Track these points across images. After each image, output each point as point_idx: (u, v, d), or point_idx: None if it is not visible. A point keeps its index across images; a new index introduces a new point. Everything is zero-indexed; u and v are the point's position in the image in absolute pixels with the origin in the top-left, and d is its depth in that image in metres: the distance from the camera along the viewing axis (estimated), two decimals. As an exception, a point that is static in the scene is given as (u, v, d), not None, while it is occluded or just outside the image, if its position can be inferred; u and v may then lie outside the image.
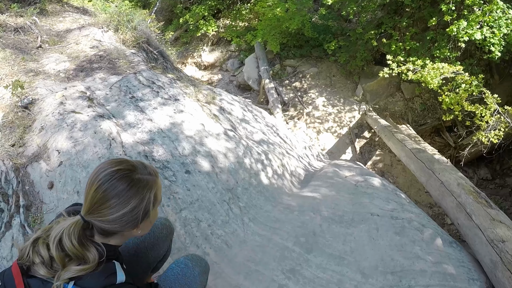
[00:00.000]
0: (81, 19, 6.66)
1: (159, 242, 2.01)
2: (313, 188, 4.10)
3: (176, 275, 1.81)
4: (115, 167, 1.39)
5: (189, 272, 1.82)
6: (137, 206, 1.38)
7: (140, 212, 1.39)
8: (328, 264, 2.78)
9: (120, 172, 1.38)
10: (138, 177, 1.41)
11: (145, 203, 1.40)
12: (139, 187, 1.39)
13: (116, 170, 1.38)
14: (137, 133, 3.54)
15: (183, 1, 15.57)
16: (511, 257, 2.65)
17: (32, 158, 3.14)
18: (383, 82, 10.39)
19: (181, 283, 1.79)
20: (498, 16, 6.62)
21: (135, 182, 1.39)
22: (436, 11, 8.08)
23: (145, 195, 1.40)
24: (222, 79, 13.25)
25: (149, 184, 1.43)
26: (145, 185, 1.41)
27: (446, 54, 7.72)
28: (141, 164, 1.48)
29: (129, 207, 1.36)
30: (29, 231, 2.62)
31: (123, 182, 1.36)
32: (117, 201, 1.35)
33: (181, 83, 4.91)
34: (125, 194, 1.36)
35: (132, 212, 1.38)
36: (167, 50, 7.97)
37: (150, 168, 1.49)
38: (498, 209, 3.53)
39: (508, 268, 2.59)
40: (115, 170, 1.38)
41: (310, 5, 11.21)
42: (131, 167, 1.42)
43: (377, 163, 9.51)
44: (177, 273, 1.81)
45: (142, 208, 1.40)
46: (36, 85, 4.11)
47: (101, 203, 1.35)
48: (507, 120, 6.15)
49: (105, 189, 1.34)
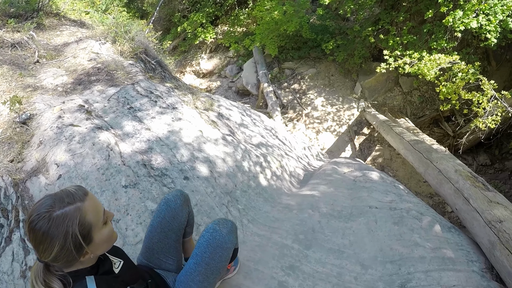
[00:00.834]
0: (78, 32, 6.74)
1: (177, 212, 2.16)
2: (311, 186, 4.14)
3: (207, 241, 1.99)
4: (34, 212, 1.37)
5: (218, 235, 1.99)
6: (65, 244, 1.37)
7: (72, 246, 1.38)
8: (328, 259, 2.82)
9: (37, 217, 1.36)
10: (56, 214, 1.36)
11: (70, 237, 1.37)
12: (57, 225, 1.35)
13: (35, 216, 1.36)
14: (135, 143, 3.59)
15: (181, 10, 15.67)
16: (509, 236, 2.68)
17: (31, 172, 3.19)
18: (381, 78, 10.44)
19: (213, 246, 1.98)
20: (494, 3, 6.65)
21: (51, 222, 1.35)
22: (433, 3, 8.17)
23: (67, 230, 1.37)
24: (221, 85, 13.32)
25: (69, 216, 1.38)
26: (64, 219, 1.37)
27: (443, 45, 7.82)
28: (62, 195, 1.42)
29: (57, 248, 1.36)
30: (29, 245, 2.66)
31: (41, 227, 1.34)
32: (44, 246, 1.36)
33: (179, 92, 4.96)
34: (46, 239, 1.35)
35: (63, 250, 1.38)
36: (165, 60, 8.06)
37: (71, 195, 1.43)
38: (495, 191, 3.57)
39: (506, 246, 2.62)
40: (34, 215, 1.36)
41: (308, 6, 11.28)
42: (48, 207, 1.37)
43: (376, 158, 9.56)
44: (208, 239, 1.99)
45: (71, 242, 1.38)
46: (34, 100, 4.18)
47: (36, 247, 1.38)
48: (504, 104, 6.22)
49: (32, 236, 1.37)
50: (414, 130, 8.52)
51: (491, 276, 2.70)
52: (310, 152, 6.54)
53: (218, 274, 2.05)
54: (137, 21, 8.06)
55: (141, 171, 3.22)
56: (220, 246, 1.99)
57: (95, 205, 1.48)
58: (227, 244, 2.01)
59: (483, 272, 2.72)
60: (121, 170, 3.16)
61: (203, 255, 1.97)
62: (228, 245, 2.02)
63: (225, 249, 2.01)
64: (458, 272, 2.64)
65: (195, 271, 1.98)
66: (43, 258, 1.39)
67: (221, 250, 1.99)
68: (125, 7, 14.54)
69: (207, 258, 1.97)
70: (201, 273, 1.98)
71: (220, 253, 1.99)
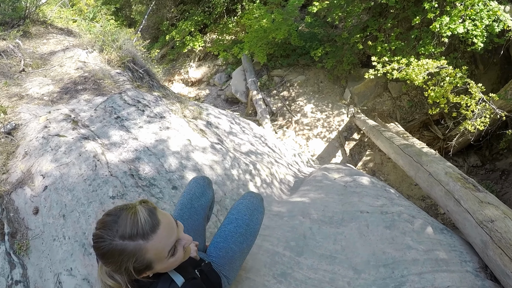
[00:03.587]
0: (65, 41, 6.69)
1: (205, 189, 2.37)
2: (302, 193, 4.12)
3: (246, 205, 2.25)
4: (100, 228, 1.35)
5: (254, 201, 2.30)
6: (119, 269, 1.37)
7: (126, 273, 1.38)
8: (320, 265, 2.79)
9: (101, 238, 1.34)
10: (115, 244, 1.32)
11: (124, 269, 1.36)
12: (113, 255, 1.34)
13: (99, 235, 1.34)
14: (122, 153, 3.54)
15: (170, 18, 15.66)
16: (501, 235, 2.70)
17: (16, 184, 3.13)
18: (370, 83, 10.49)
19: (251, 209, 2.24)
20: (480, 8, 6.76)
21: (110, 248, 1.33)
22: (420, 10, 8.29)
23: (121, 264, 1.35)
24: (210, 94, 13.30)
25: (126, 253, 1.34)
26: (121, 254, 1.34)
27: (430, 50, 7.92)
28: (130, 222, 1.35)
29: (113, 268, 1.38)
30: (15, 258, 2.60)
31: (101, 247, 1.34)
32: (104, 260, 1.37)
33: (167, 100, 4.93)
34: (104, 256, 1.35)
35: (118, 271, 1.39)
36: (153, 68, 8.01)
37: (137, 228, 1.34)
38: (486, 191, 3.60)
39: (499, 245, 2.65)
40: (99, 232, 1.34)
41: (296, 14, 11.32)
42: (113, 231, 1.33)
43: (367, 163, 9.58)
44: (246, 204, 2.26)
45: (124, 271, 1.37)
46: (20, 110, 4.12)
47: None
48: (492, 106, 6.34)
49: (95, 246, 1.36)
50: (404, 134, 8.57)
51: (485, 275, 2.71)
52: (300, 158, 6.53)
53: (254, 237, 2.26)
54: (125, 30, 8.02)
55: (128, 181, 3.16)
56: (257, 210, 2.27)
57: (161, 243, 1.40)
58: (262, 209, 2.31)
59: (477, 272, 2.72)
60: (108, 181, 3.10)
61: (243, 217, 2.19)
62: (262, 210, 2.32)
63: (260, 213, 2.29)
64: (452, 273, 2.64)
65: (236, 233, 2.16)
66: None
67: (257, 213, 2.26)
68: (113, 15, 14.50)
69: (247, 220, 2.19)
70: (242, 234, 2.17)
71: (257, 216, 2.26)
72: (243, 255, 2.24)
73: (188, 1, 15.36)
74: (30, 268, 2.59)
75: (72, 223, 2.78)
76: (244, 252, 2.23)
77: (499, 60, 9.56)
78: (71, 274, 2.48)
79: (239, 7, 14.91)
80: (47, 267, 2.58)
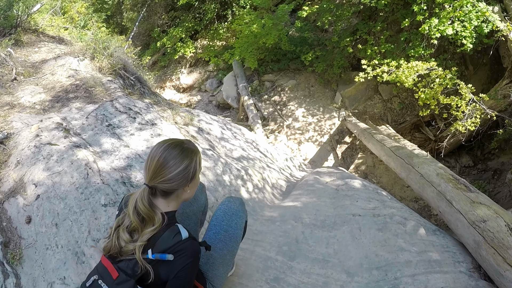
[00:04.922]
0: (57, 49, 6.68)
1: (197, 194, 2.43)
2: (294, 197, 4.13)
3: (224, 210, 2.27)
4: (168, 142, 1.83)
5: (233, 205, 2.30)
6: (189, 165, 1.80)
7: (191, 170, 1.81)
8: (313, 269, 2.80)
9: (173, 143, 1.82)
10: (187, 146, 1.85)
11: (193, 163, 1.83)
12: (188, 152, 1.82)
13: (169, 143, 1.81)
14: (114, 160, 3.54)
15: (160, 25, 15.66)
16: (493, 235, 2.72)
17: (9, 193, 3.12)
18: (360, 86, 10.53)
19: (229, 214, 2.26)
20: (469, 10, 6.83)
21: (185, 149, 1.81)
22: (409, 12, 8.32)
23: (193, 157, 1.83)
24: (201, 100, 13.30)
25: (195, 151, 1.88)
26: (192, 151, 1.85)
27: (420, 52, 7.96)
28: (187, 140, 1.98)
29: (183, 166, 1.77)
30: (8, 268, 2.59)
31: (177, 149, 1.79)
32: (174, 162, 1.75)
33: (158, 107, 4.93)
34: (179, 157, 1.77)
35: (185, 170, 1.78)
36: (145, 75, 8.01)
37: (193, 143, 1.93)
38: (478, 191, 3.60)
39: (492, 245, 2.66)
40: (169, 143, 1.81)
41: (287, 19, 11.38)
42: (181, 141, 1.87)
43: (359, 166, 9.59)
44: (224, 209, 2.28)
45: (192, 167, 1.82)
46: (11, 118, 4.12)
47: (162, 167, 1.74)
48: (482, 107, 6.37)
49: (164, 156, 1.75)
50: (396, 137, 8.59)
51: (479, 275, 2.72)
52: (292, 163, 6.55)
53: (236, 243, 2.27)
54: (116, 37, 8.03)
55: (120, 189, 3.16)
56: (235, 214, 2.27)
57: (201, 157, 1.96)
58: (241, 213, 2.31)
59: (471, 272, 2.74)
60: (100, 189, 3.10)
61: (221, 223, 2.23)
62: (241, 214, 2.31)
63: (239, 217, 2.29)
64: (445, 274, 2.65)
65: (215, 239, 2.20)
66: (162, 177, 1.75)
67: (236, 218, 2.26)
68: (104, 23, 14.49)
69: (225, 226, 2.22)
70: (221, 241, 2.20)
71: (236, 220, 2.26)
72: (225, 261, 2.25)
73: (179, 8, 15.34)
74: (23, 277, 2.58)
75: (65, 232, 2.77)
76: (226, 258, 2.25)
77: (489, 61, 9.65)
78: (64, 282, 2.48)
79: (229, 13, 14.93)
80: (40, 276, 2.57)
